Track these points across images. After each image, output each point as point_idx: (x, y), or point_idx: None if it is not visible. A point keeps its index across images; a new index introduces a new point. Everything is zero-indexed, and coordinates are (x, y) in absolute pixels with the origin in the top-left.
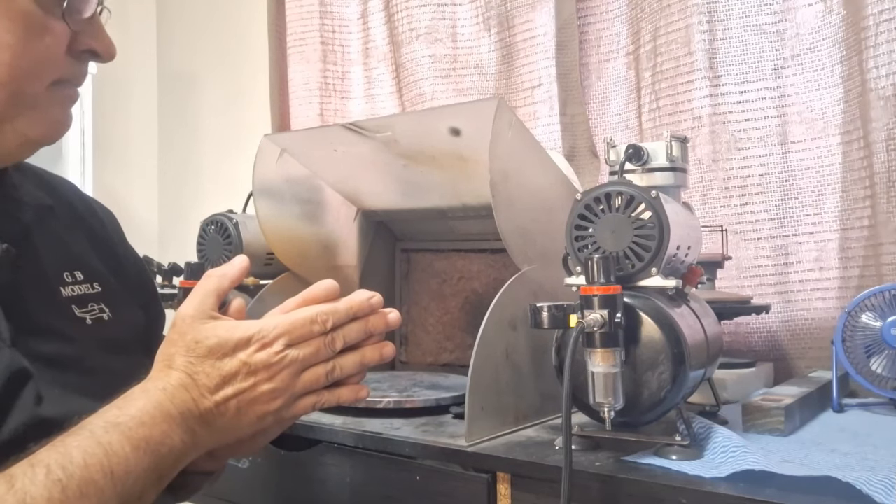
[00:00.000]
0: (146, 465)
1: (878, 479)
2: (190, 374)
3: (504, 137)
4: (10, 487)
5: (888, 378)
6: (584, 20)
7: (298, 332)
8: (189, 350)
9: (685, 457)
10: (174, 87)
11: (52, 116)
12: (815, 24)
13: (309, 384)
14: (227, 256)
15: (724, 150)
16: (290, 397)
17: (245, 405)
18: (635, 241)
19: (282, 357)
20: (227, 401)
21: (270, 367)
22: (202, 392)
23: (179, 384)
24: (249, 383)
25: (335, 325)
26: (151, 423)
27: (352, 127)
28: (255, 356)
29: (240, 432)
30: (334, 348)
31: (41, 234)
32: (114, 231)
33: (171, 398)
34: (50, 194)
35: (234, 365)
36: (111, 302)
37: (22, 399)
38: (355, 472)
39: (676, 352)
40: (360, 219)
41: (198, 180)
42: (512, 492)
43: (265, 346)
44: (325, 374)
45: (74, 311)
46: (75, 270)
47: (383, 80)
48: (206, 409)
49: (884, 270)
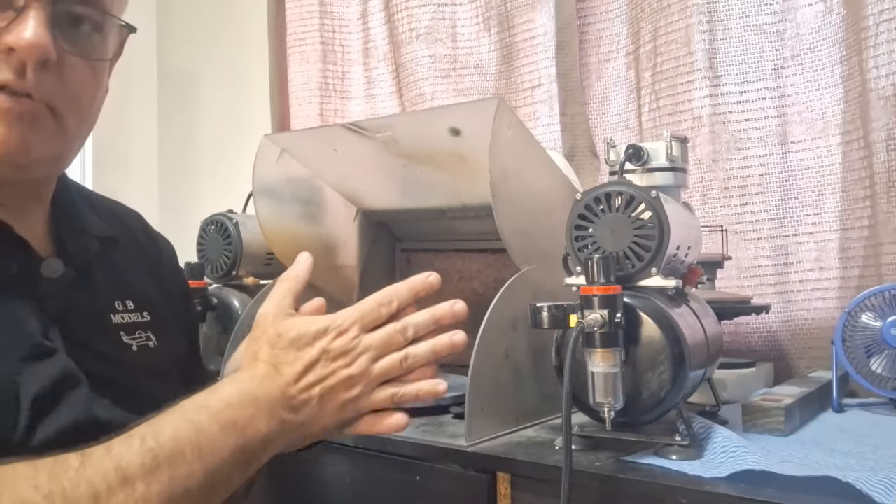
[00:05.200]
0: (232, 445)
1: (878, 479)
2: (274, 365)
3: (504, 137)
4: (107, 452)
5: (888, 378)
6: (584, 20)
7: (369, 316)
8: (272, 343)
9: (685, 457)
10: (174, 87)
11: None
12: (815, 24)
13: (385, 371)
14: (228, 256)
15: (724, 150)
16: (367, 385)
17: (327, 392)
18: (635, 241)
19: (357, 342)
20: (310, 387)
21: (348, 354)
22: (287, 380)
23: (265, 373)
24: (329, 370)
25: (400, 306)
26: (238, 406)
27: (352, 127)
28: (334, 343)
29: (323, 421)
30: (406, 336)
31: (100, 263)
32: (169, 264)
33: (258, 385)
34: (115, 226)
35: (315, 353)
36: (158, 331)
37: (71, 399)
38: (355, 472)
39: (676, 352)
40: (360, 219)
41: (198, 180)
42: (512, 492)
43: (341, 333)
44: (400, 362)
45: (122, 337)
46: (127, 300)
47: (383, 80)
48: (290, 397)
49: (884, 270)
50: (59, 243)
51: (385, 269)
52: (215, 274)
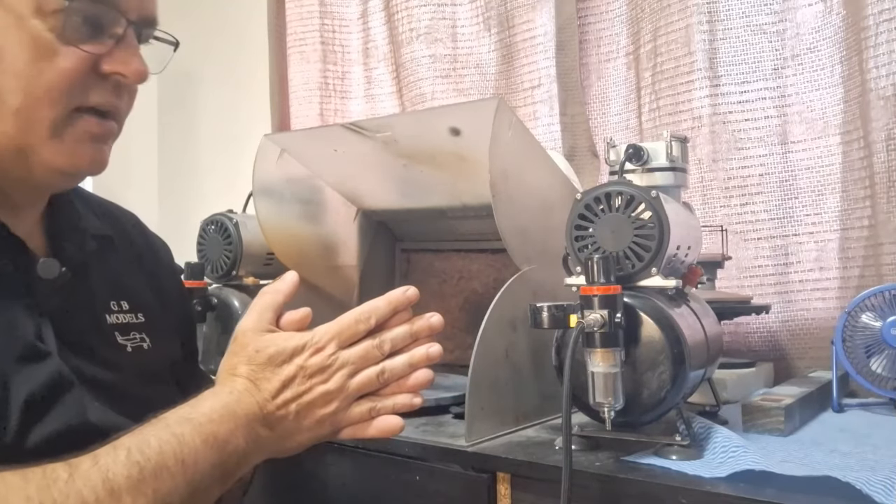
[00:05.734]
0: (213, 459)
1: (878, 479)
2: (252, 380)
3: (504, 137)
4: (94, 463)
5: (888, 378)
6: (584, 20)
7: (346, 333)
8: (250, 359)
9: (685, 457)
10: (174, 87)
11: (76, 148)
12: (815, 24)
13: (362, 386)
14: (228, 256)
15: (724, 150)
16: (344, 400)
17: (304, 408)
18: (635, 241)
19: (334, 359)
20: (287, 404)
21: (325, 370)
22: (265, 396)
23: (244, 389)
24: (306, 386)
25: (379, 321)
26: (219, 421)
27: (352, 127)
28: (311, 360)
29: (300, 437)
30: (383, 351)
31: (97, 263)
32: (165, 266)
33: (237, 401)
34: (111, 225)
35: (292, 370)
36: (152, 332)
37: (63, 404)
38: (355, 472)
39: (676, 352)
40: (360, 219)
41: (198, 180)
42: (512, 492)
43: (318, 350)
44: (377, 376)
45: (117, 337)
46: (122, 300)
47: (383, 80)
48: (268, 413)
49: (884, 270)
50: (55, 243)
51: (385, 269)
52: (215, 274)
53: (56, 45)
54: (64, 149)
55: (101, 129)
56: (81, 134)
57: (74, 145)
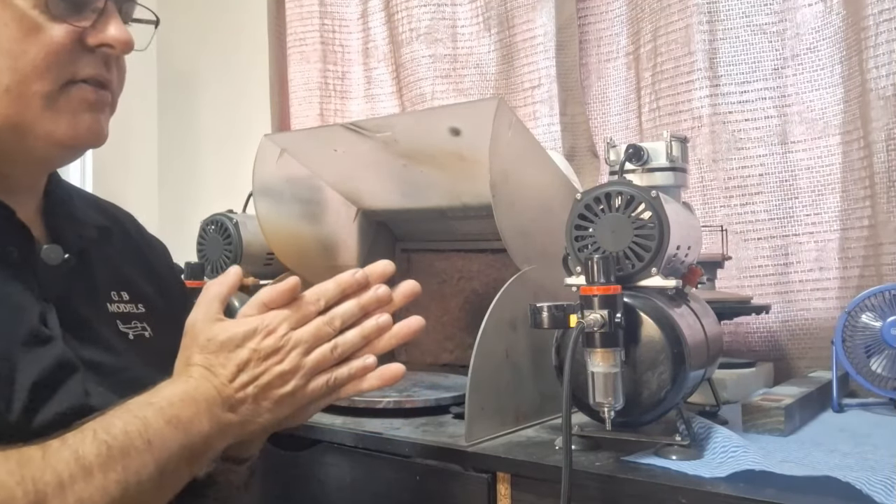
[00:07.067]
0: (179, 440)
1: (878, 479)
2: (207, 367)
3: (504, 137)
4: (63, 443)
5: (888, 378)
6: (584, 20)
7: (297, 314)
8: (203, 348)
9: (685, 457)
10: (174, 87)
11: (73, 117)
12: (815, 24)
13: (317, 362)
14: (228, 256)
15: (724, 150)
16: (301, 378)
17: (261, 390)
18: (635, 241)
19: (287, 339)
20: (244, 386)
21: (278, 351)
22: (221, 381)
23: (200, 376)
24: (262, 368)
25: (328, 303)
26: (181, 405)
27: (352, 127)
28: (263, 342)
29: (261, 419)
30: (334, 327)
31: (97, 252)
32: (164, 262)
33: (195, 388)
34: (109, 220)
35: (246, 353)
36: (153, 323)
37: (68, 387)
38: (355, 472)
39: (676, 352)
40: (360, 219)
41: (198, 180)
42: (512, 492)
43: (270, 332)
44: (331, 351)
45: (118, 325)
46: (122, 290)
47: (383, 80)
48: (227, 396)
49: (884, 270)
50: (55, 231)
51: None
52: (215, 274)
53: (41, 21)
54: (60, 119)
55: (96, 97)
56: (77, 103)
57: (71, 115)
